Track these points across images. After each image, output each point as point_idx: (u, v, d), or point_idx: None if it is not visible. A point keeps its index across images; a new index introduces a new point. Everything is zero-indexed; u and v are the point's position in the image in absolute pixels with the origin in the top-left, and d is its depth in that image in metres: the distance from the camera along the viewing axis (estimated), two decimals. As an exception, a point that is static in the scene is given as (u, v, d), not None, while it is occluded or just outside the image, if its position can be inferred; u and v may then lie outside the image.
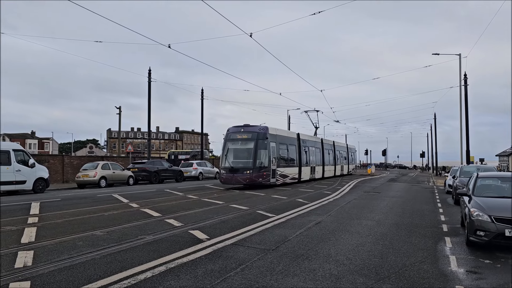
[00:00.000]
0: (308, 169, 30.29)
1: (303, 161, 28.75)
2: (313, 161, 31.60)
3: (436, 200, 17.83)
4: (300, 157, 28.14)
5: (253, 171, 21.46)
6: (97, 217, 11.00)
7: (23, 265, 6.06)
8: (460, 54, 31.47)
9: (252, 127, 23.01)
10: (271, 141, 22.78)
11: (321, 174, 34.05)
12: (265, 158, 22.11)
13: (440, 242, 8.38)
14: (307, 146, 30.32)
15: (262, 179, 21.85)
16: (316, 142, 34.09)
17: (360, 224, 10.45)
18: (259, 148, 21.90)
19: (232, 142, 22.83)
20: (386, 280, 5.63)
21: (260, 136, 22.22)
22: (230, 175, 21.99)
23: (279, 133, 24.99)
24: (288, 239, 8.24)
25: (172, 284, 5.23)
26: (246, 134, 22.55)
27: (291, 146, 26.78)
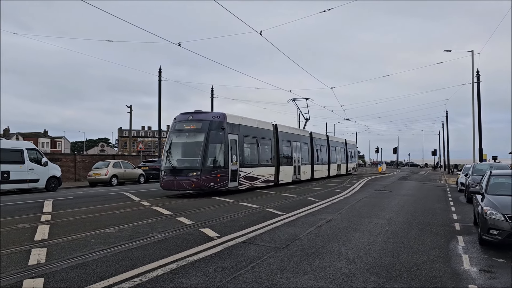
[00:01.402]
0: (290, 169, 24.93)
1: (282, 159, 23.66)
2: (298, 159, 26.25)
3: (448, 198, 17.65)
4: (278, 154, 23.04)
5: (202, 173, 16.14)
6: (109, 215, 11.10)
7: (36, 262, 6.14)
8: (472, 51, 31.08)
9: (204, 113, 17.63)
10: (231, 133, 17.74)
11: (310, 174, 28.98)
12: (220, 155, 16.90)
13: (453, 241, 8.29)
14: (289, 140, 25.09)
15: (215, 183, 16.53)
16: (303, 136, 28.42)
17: (371, 222, 10.39)
18: (211, 141, 16.72)
19: (177, 134, 17.43)
20: (397, 279, 5.59)
21: (213, 126, 16.92)
22: (170, 179, 16.44)
23: (244, 122, 19.48)
24: (298, 237, 8.22)
25: (183, 282, 5.25)
26: (195, 124, 17.17)
27: (265, 140, 21.64)
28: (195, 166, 16.40)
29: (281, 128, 24.14)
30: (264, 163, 21.17)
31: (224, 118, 17.51)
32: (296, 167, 25.80)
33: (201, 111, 17.80)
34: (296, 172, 25.80)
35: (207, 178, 16.28)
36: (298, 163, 26.32)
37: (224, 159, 16.99)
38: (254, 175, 19.68)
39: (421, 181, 32.29)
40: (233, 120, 18.30)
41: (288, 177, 24.37)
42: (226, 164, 17.09)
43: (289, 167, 24.78)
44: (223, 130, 17.08)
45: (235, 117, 18.65)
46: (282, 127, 24.44)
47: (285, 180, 23.92)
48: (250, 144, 19.88)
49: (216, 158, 16.85)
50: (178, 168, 16.60)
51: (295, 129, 27.38)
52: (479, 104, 29.76)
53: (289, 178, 24.53)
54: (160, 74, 29.71)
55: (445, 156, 63.86)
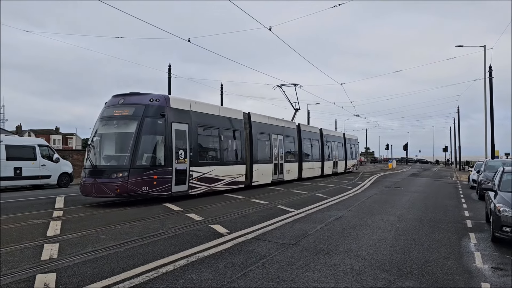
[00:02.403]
0: (269, 167, 20.73)
1: (258, 156, 19.54)
2: (280, 156, 22.11)
3: (460, 195, 17.48)
4: (251, 149, 18.99)
5: (131, 174, 12.22)
6: (120, 211, 11.18)
7: (49, 257, 6.21)
8: (484, 46, 30.63)
9: (139, 96, 13.66)
10: (177, 121, 13.83)
11: (297, 173, 24.74)
12: (159, 150, 13.12)
13: (464, 238, 8.21)
14: (267, 133, 21.04)
15: (150, 187, 12.63)
16: (287, 128, 23.95)
17: (382, 219, 10.33)
18: (146, 132, 12.85)
19: (103, 123, 13.46)
20: (408, 276, 5.55)
21: (150, 111, 13.05)
22: (89, 181, 12.45)
23: (199, 108, 15.35)
24: (308, 234, 8.21)
25: (193, 277, 5.28)
26: (127, 109, 13.17)
27: (231, 132, 17.60)
28: (121, 164, 12.48)
29: (256, 117, 20.11)
30: (229, 161, 17.25)
31: (166, 101, 13.60)
32: (277, 165, 21.60)
33: (137, 93, 13.78)
34: (278, 171, 21.69)
35: (138, 181, 12.31)
36: (281, 160, 22.13)
37: (165, 156, 13.13)
38: (214, 176, 15.79)
39: (432, 178, 32.02)
40: (180, 105, 14.33)
41: (266, 177, 20.28)
42: (168, 161, 13.23)
43: (267, 165, 20.57)
44: (163, 117, 13.18)
45: (184, 101, 14.71)
46: (257, 116, 20.42)
47: (262, 181, 19.87)
48: (208, 136, 16.08)
49: (153, 154, 13.01)
50: (100, 167, 12.73)
51: (277, 120, 22.82)
52: (491, 100, 29.37)
53: (267, 178, 20.41)
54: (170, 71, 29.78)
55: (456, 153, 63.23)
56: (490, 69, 29.80)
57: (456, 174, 40.23)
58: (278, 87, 26.26)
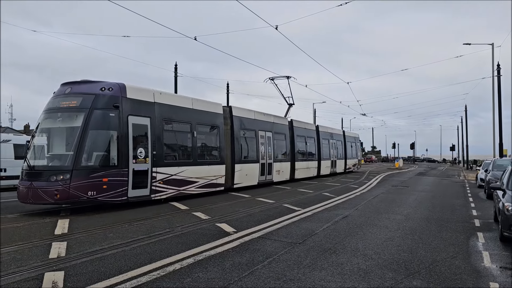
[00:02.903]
0: (254, 168, 18.60)
1: (240, 155, 17.61)
2: (268, 155, 19.98)
3: (468, 194, 17.35)
4: (233, 147, 17.09)
5: (74, 176, 10.32)
6: (127, 210, 11.23)
7: (57, 255, 6.26)
8: (492, 44, 30.37)
9: (89, 84, 11.67)
10: (136, 115, 11.95)
11: (289, 174, 22.59)
12: (112, 148, 11.26)
13: (472, 237, 8.15)
14: (253, 129, 18.90)
15: (99, 192, 10.72)
16: (278, 125, 21.79)
17: (388, 218, 10.29)
18: (95, 126, 10.99)
19: (47, 117, 11.50)
20: (416, 275, 5.52)
21: (100, 102, 11.18)
22: (25, 185, 10.52)
23: (166, 100, 13.45)
24: (315, 233, 8.20)
25: (200, 276, 5.29)
26: (74, 99, 11.22)
27: (207, 127, 15.54)
28: (63, 165, 10.62)
29: (239, 112, 18.07)
30: (205, 160, 15.22)
31: (121, 91, 11.62)
32: (264, 165, 19.47)
33: (88, 81, 11.83)
34: (266, 171, 19.59)
35: (83, 185, 10.42)
36: (269, 159, 20.01)
37: (118, 155, 11.21)
38: (185, 178, 13.82)
39: (439, 177, 31.83)
40: (140, 95, 12.31)
41: (250, 178, 18.26)
42: (123, 161, 11.30)
43: (253, 165, 18.49)
44: (116, 109, 11.30)
45: (146, 91, 12.67)
46: (241, 110, 18.39)
47: (246, 182, 17.91)
48: (177, 132, 14.00)
49: (103, 153, 11.18)
50: (37, 168, 10.79)
51: (265, 115, 20.55)
52: (499, 98, 29.14)
53: (252, 179, 18.41)
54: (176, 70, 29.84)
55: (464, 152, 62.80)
56: (498, 67, 29.56)
57: (463, 173, 39.96)
58: (269, 80, 23.96)
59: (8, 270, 5.47)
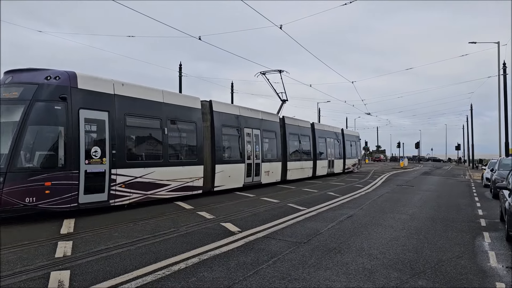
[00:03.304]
0: (239, 168, 16.89)
1: (221, 154, 15.79)
2: (256, 154, 18.17)
3: (473, 194, 17.27)
4: (213, 145, 15.26)
5: (8, 180, 8.89)
6: (132, 210, 11.26)
7: (63, 254, 6.29)
8: (498, 42, 30.20)
9: (33, 72, 10.26)
10: (90, 108, 10.56)
11: (280, 174, 20.74)
12: (57, 147, 9.86)
13: (478, 237, 8.11)
14: (237, 127, 17.11)
15: (39, 199, 9.19)
16: (266, 121, 19.76)
17: (393, 218, 10.26)
18: (35, 121, 9.57)
19: None
20: (421, 275, 5.50)
21: (43, 93, 9.78)
22: None
23: (128, 92, 11.77)
24: (319, 233, 8.19)
25: (205, 276, 5.30)
26: (15, 89, 9.87)
27: (176, 123, 13.55)
28: None
29: (220, 107, 16.19)
30: (178, 160, 13.47)
31: (71, 80, 10.21)
32: (251, 166, 17.75)
33: (33, 69, 10.38)
34: (252, 172, 17.86)
35: (19, 190, 8.94)
36: (257, 159, 18.27)
37: (66, 154, 9.79)
38: (154, 180, 12.17)
39: (444, 176, 31.69)
40: (96, 85, 10.81)
41: (234, 180, 16.49)
42: (73, 162, 9.85)
43: (237, 165, 16.79)
44: (64, 101, 9.88)
45: (103, 81, 11.13)
46: (223, 105, 16.60)
47: (229, 184, 16.17)
48: (143, 129, 12.43)
49: (45, 152, 9.74)
50: None
51: (252, 111, 18.75)
52: (505, 96, 28.96)
53: (236, 181, 16.60)
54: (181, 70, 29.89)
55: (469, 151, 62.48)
56: (504, 65, 29.39)
57: (469, 172, 39.76)
58: (261, 74, 22.46)
59: (15, 269, 5.51)
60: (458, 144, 74.43)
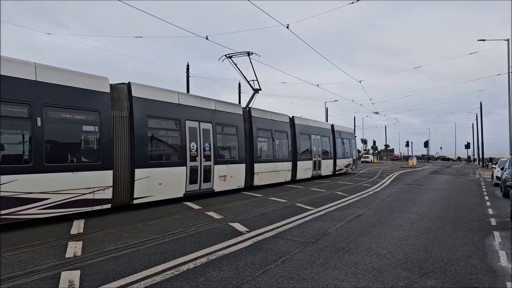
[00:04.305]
0: (175, 173, 12.77)
1: (146, 155, 11.80)
2: (201, 154, 13.95)
3: (483, 193, 17.11)
4: (133, 144, 11.39)
5: None
6: (141, 210, 11.32)
7: (73, 255, 6.36)
8: (508, 39, 29.85)
9: None
10: None
11: (244, 179, 16.60)
12: None
13: (488, 237, 8.04)
14: (169, 118, 12.90)
15: None
16: (223, 114, 15.61)
17: (402, 217, 10.20)
18: None
19: None
20: (430, 275, 5.47)
21: None
22: None
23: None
24: (328, 232, 8.18)
25: (214, 275, 5.32)
26: None
27: (66, 112, 9.81)
28: None
29: (143, 92, 11.88)
30: (63, 164, 9.53)
31: None
32: (197, 169, 13.70)
33: None
34: (199, 177, 13.81)
35: None
36: (207, 161, 14.24)
37: None
38: (18, 194, 8.36)
39: (454, 175, 31.43)
40: None
41: (169, 188, 12.43)
42: None
43: (174, 169, 12.74)
44: None
45: None
46: (148, 90, 12.10)
47: (160, 194, 12.11)
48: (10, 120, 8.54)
49: None
50: None
51: (200, 100, 14.47)
52: (515, 94, 28.63)
53: (173, 190, 12.62)
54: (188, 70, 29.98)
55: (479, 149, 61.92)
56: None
57: (479, 171, 39.39)
58: (226, 58, 18.90)
59: (26, 269, 5.58)
60: (467, 142, 73.78)
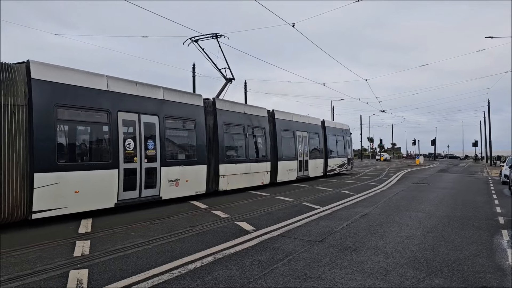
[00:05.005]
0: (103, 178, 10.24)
1: (55, 154, 9.09)
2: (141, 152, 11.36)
3: (491, 191, 16.99)
4: (32, 141, 8.67)
5: None
6: (148, 209, 11.38)
7: (81, 254, 6.40)
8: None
9: None
10: None
11: (205, 183, 13.83)
12: None
13: (497, 235, 7.99)
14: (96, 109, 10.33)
15: None
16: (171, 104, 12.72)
17: (409, 216, 10.16)
18: None
19: None
20: (438, 273, 5.45)
21: None
22: None
23: None
24: (334, 231, 8.16)
25: (220, 274, 5.34)
26: None
27: None
28: None
29: (55, 74, 9.41)
30: None
31: None
32: (131, 172, 10.97)
33: None
34: (138, 181, 11.16)
35: None
36: (150, 162, 11.56)
37: None
38: None
39: (461, 174, 31.22)
40: None
41: (90, 197, 9.90)
42: None
43: (99, 173, 10.18)
44: None
45: None
46: (59, 72, 9.54)
47: (78, 206, 9.62)
48: None
49: None
50: None
51: (142, 87, 11.79)
52: (524, 92, 28.38)
53: (98, 199, 10.16)
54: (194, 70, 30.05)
55: (487, 147, 61.43)
56: (522, 60, 28.78)
57: (486, 169, 39.10)
58: (192, 42, 16.18)
59: (35, 268, 5.63)
60: (475, 140, 73.20)
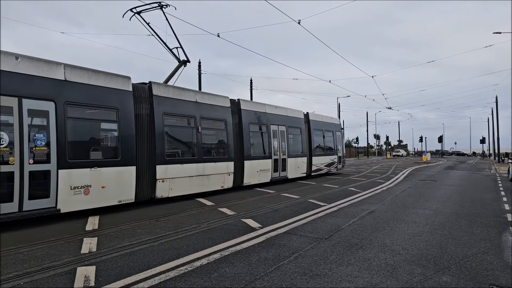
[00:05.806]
0: None
1: None
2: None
3: (499, 188, 16.85)
4: None
5: None
6: (154, 207, 11.43)
7: (88, 250, 6.44)
8: (524, 32, 29.26)
9: None
10: None
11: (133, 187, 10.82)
12: None
13: (505, 232, 7.92)
14: None
15: None
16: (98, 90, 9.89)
17: (416, 213, 10.11)
18: None
19: None
20: (445, 271, 5.41)
21: None
22: None
23: None
24: (341, 228, 8.14)
25: (227, 271, 5.35)
26: None
27: None
28: None
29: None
30: None
31: None
32: (4, 178, 7.81)
33: None
34: (16, 190, 7.95)
35: None
36: (38, 163, 8.47)
37: None
38: None
39: (469, 171, 31.00)
40: None
41: None
42: None
43: None
44: None
45: None
46: None
47: None
48: None
49: None
50: None
51: (27, 61, 8.38)
52: (532, 88, 28.09)
53: None
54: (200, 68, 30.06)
55: (494, 144, 60.93)
56: (531, 56, 28.47)
57: (494, 166, 38.77)
58: (134, 14, 13.42)
59: (43, 265, 5.68)
60: (483, 137, 72.68)
